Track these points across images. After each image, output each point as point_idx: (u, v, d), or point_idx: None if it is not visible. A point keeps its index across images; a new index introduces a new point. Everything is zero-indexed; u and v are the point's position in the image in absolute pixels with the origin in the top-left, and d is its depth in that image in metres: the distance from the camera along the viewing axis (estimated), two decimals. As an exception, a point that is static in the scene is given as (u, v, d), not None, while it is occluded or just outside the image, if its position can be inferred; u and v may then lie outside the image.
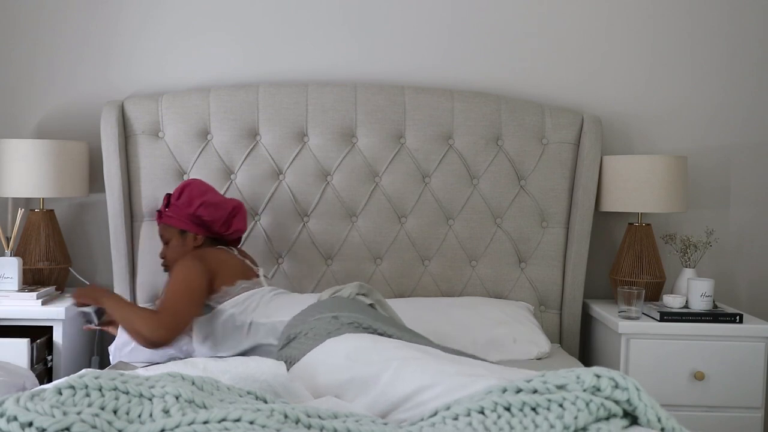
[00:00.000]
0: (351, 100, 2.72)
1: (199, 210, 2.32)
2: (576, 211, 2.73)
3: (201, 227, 2.34)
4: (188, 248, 2.34)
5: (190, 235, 2.35)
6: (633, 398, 1.34)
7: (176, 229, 2.35)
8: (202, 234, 2.35)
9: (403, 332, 1.99)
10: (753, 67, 2.92)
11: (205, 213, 2.32)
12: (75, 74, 2.86)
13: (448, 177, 2.74)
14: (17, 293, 2.47)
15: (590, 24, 2.91)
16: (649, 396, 1.36)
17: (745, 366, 2.47)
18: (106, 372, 1.37)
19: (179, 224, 2.33)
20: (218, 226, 2.36)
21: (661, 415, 1.35)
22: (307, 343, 1.93)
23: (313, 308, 2.08)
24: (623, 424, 1.34)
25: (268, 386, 1.65)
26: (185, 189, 2.35)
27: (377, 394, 1.64)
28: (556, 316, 2.78)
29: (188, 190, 2.35)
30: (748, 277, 2.96)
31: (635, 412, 1.35)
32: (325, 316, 2.00)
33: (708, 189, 2.93)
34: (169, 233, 2.37)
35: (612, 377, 1.34)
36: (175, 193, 2.37)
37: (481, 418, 1.31)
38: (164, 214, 2.36)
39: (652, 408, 1.35)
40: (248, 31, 2.87)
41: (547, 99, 2.89)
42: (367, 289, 2.20)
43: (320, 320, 1.99)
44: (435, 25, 2.88)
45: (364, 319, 1.98)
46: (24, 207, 2.72)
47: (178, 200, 2.34)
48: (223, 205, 2.37)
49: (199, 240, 2.35)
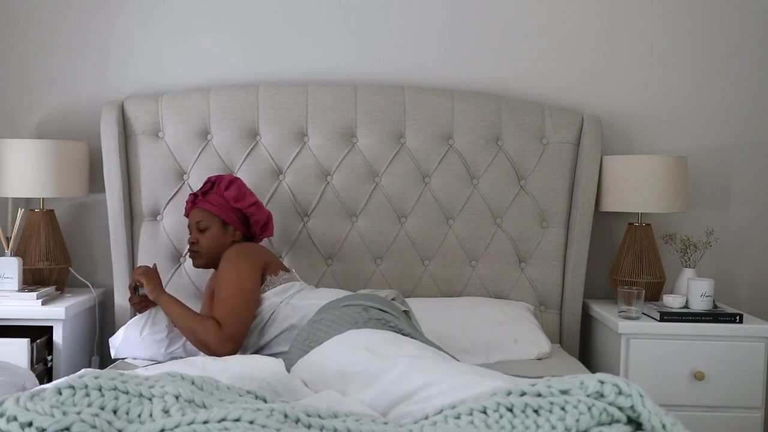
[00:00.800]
0: (351, 100, 2.72)
1: (250, 208, 2.36)
2: (576, 211, 2.73)
3: (243, 224, 2.38)
4: (227, 241, 2.36)
5: (230, 229, 2.37)
6: (637, 405, 1.34)
7: (219, 218, 2.35)
8: (241, 231, 2.39)
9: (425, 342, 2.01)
10: (753, 67, 2.92)
11: (255, 213, 2.38)
12: (75, 74, 2.86)
13: (448, 177, 2.74)
14: (17, 293, 2.47)
15: (590, 24, 2.91)
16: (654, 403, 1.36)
17: (745, 366, 2.47)
18: (105, 372, 1.37)
19: (224, 215, 2.34)
20: (257, 228, 2.42)
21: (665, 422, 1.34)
22: (331, 326, 1.95)
23: (349, 298, 2.11)
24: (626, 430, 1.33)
25: (267, 384, 1.65)
26: (233, 183, 2.38)
27: (383, 387, 1.65)
28: (556, 316, 2.78)
29: (238, 186, 2.38)
30: (748, 277, 2.96)
31: (639, 418, 1.35)
32: (356, 304, 2.02)
33: (708, 189, 2.93)
34: (209, 221, 2.35)
35: (616, 383, 1.34)
36: (222, 183, 2.36)
37: (483, 417, 1.31)
38: (204, 200, 2.36)
39: (657, 414, 1.34)
40: (248, 31, 2.87)
41: (547, 99, 2.89)
42: (402, 300, 2.22)
43: (350, 307, 2.01)
44: (435, 25, 2.88)
45: (392, 318, 2.00)
46: (24, 207, 2.72)
47: (226, 191, 2.35)
48: (264, 209, 2.44)
49: (237, 235, 2.38)
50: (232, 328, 2.13)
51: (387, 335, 1.87)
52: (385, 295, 2.17)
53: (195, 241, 2.36)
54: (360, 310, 2.00)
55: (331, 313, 2.01)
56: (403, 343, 1.84)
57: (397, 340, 1.84)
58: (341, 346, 1.83)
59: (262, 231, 2.45)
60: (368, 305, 2.01)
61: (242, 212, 2.37)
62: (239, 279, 2.19)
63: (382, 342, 1.81)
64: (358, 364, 1.73)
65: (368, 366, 1.71)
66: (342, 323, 1.95)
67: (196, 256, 2.37)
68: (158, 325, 2.32)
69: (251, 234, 2.44)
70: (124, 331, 2.35)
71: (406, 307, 2.19)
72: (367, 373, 1.70)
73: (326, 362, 1.79)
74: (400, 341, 1.84)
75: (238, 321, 2.14)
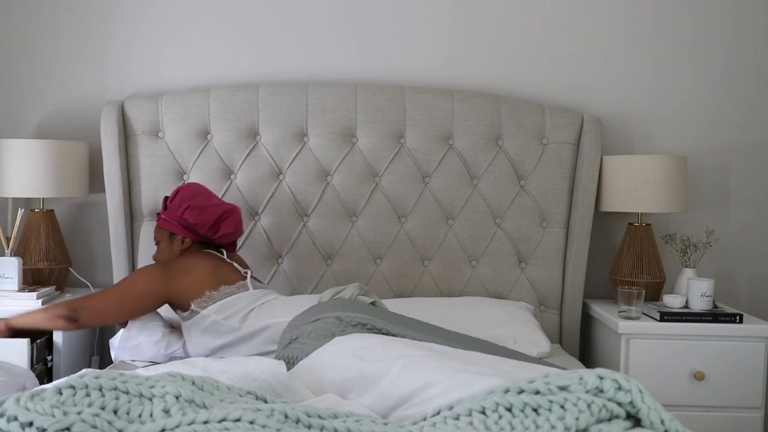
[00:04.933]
0: (351, 100, 2.72)
1: (185, 213, 2.33)
2: (576, 211, 2.73)
3: (188, 230, 2.36)
4: (175, 251, 2.37)
5: (177, 238, 2.37)
6: (636, 400, 1.34)
7: (166, 231, 2.38)
8: (190, 237, 2.36)
9: (408, 327, 2.00)
10: (753, 67, 2.93)
11: (191, 216, 2.33)
12: (75, 74, 2.86)
13: (448, 177, 2.74)
14: (17, 293, 2.47)
15: (590, 24, 2.91)
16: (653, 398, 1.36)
17: (745, 366, 2.47)
18: (106, 372, 1.37)
19: (169, 227, 2.36)
20: (205, 230, 2.35)
21: (664, 418, 1.34)
22: (310, 343, 1.93)
23: (315, 309, 2.08)
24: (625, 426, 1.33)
25: (268, 385, 1.65)
26: (178, 192, 2.37)
27: (381, 391, 1.65)
28: (556, 316, 2.78)
29: (180, 194, 2.37)
30: (748, 277, 2.96)
31: (638, 414, 1.35)
32: (327, 316, 2.00)
33: (708, 189, 2.93)
34: (160, 235, 2.40)
35: (615, 379, 1.34)
36: (170, 196, 2.39)
37: (482, 417, 1.31)
38: (160, 218, 2.39)
39: (656, 410, 1.34)
40: (248, 31, 2.87)
41: (547, 99, 2.89)
42: (365, 290, 2.21)
43: (323, 321, 1.99)
44: (435, 25, 2.88)
45: (369, 319, 1.98)
46: (24, 207, 2.72)
47: (171, 203, 2.37)
48: (211, 209, 2.35)
49: (186, 243, 2.37)
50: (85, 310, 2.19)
51: (373, 339, 1.85)
52: (350, 294, 2.15)
53: (154, 258, 2.43)
54: (333, 320, 1.97)
55: (304, 329, 1.98)
56: (391, 344, 1.82)
57: (384, 342, 1.83)
58: (330, 354, 1.82)
59: (214, 231, 2.36)
60: (339, 315, 1.99)
61: (183, 219, 2.34)
62: (133, 279, 2.24)
63: (370, 346, 1.80)
64: (351, 369, 1.72)
65: (362, 371, 1.70)
66: (320, 338, 1.92)
67: None
68: (153, 328, 2.32)
69: (204, 237, 2.38)
70: (121, 334, 2.36)
71: (372, 297, 2.18)
72: (363, 378, 1.69)
73: (319, 373, 1.77)
74: (388, 343, 1.83)
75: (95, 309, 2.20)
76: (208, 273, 2.28)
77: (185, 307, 2.24)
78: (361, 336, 1.88)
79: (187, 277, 2.24)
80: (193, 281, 2.24)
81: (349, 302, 2.09)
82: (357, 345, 1.81)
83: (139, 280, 2.23)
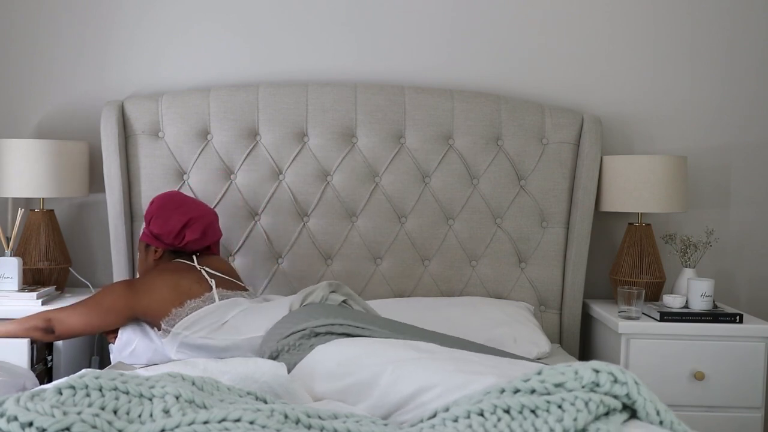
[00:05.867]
0: (351, 100, 2.72)
1: (151, 223, 2.37)
2: (576, 211, 2.73)
3: (157, 240, 2.38)
4: (150, 262, 2.41)
5: (151, 249, 2.41)
6: (632, 392, 1.34)
7: (143, 242, 2.43)
8: (161, 247, 2.39)
9: (382, 327, 1.98)
10: (753, 67, 2.92)
11: (156, 227, 2.36)
12: (75, 74, 2.86)
13: (448, 177, 2.74)
14: (17, 293, 2.48)
15: (590, 24, 2.91)
16: (649, 389, 1.36)
17: (745, 366, 2.47)
18: (106, 372, 1.37)
19: (144, 238, 2.42)
20: (170, 239, 2.36)
21: (660, 408, 1.35)
22: (296, 354, 1.91)
23: (287, 321, 2.04)
24: (622, 418, 1.34)
25: (268, 387, 1.65)
26: (152, 203, 2.41)
27: (378, 397, 1.64)
28: (556, 316, 2.78)
29: (152, 205, 2.40)
30: (748, 277, 2.96)
31: (634, 405, 1.35)
32: (301, 329, 1.96)
33: (708, 189, 2.93)
34: (140, 246, 2.46)
35: (611, 372, 1.34)
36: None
37: (481, 420, 1.31)
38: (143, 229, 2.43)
39: (651, 401, 1.35)
40: (248, 31, 2.87)
41: (547, 99, 2.89)
42: (335, 286, 2.19)
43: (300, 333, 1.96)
44: (435, 25, 2.88)
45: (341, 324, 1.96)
46: (24, 207, 2.72)
47: (145, 214, 2.42)
48: (177, 218, 2.35)
49: (158, 253, 2.40)
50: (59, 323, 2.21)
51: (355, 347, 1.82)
52: (320, 297, 2.13)
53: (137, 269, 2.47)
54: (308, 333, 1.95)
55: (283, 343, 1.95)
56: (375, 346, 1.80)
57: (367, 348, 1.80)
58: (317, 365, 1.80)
59: (180, 240, 2.36)
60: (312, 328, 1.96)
61: (150, 229, 2.37)
62: (103, 293, 2.25)
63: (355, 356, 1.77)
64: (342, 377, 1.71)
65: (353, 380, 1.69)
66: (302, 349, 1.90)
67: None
68: (146, 334, 2.30)
69: (172, 246, 2.38)
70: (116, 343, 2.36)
71: (341, 292, 2.17)
72: (355, 386, 1.68)
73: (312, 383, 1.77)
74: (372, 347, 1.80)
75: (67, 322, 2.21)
76: (170, 290, 2.24)
77: (158, 326, 2.22)
78: (341, 343, 1.86)
79: (147, 296, 2.23)
80: (155, 300, 2.22)
81: (319, 308, 2.05)
82: (340, 355, 1.80)
83: (108, 296, 2.24)
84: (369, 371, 1.69)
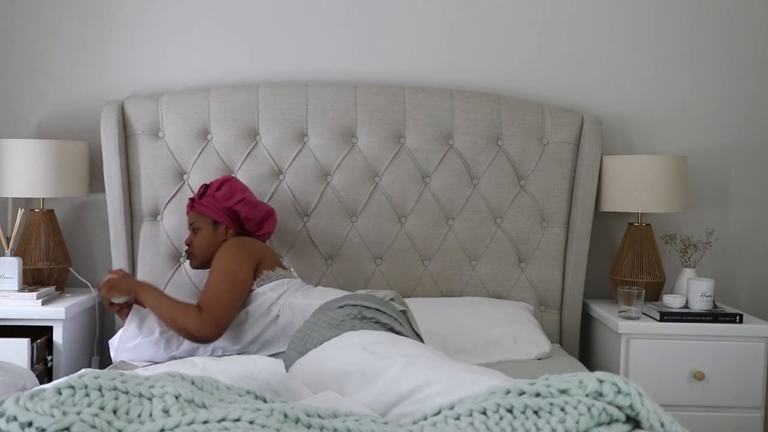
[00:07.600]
0: (351, 100, 2.72)
1: (237, 206, 2.39)
2: (576, 211, 2.73)
3: (234, 222, 2.41)
4: (218, 240, 2.40)
5: (222, 228, 2.41)
6: (635, 403, 1.34)
7: (209, 219, 2.40)
8: (234, 229, 2.41)
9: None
10: (753, 67, 2.92)
11: (243, 210, 2.39)
12: (75, 74, 2.86)
13: (448, 177, 2.74)
14: (17, 293, 2.47)
15: (590, 24, 2.91)
16: (653, 401, 1.36)
17: (745, 366, 2.47)
18: (105, 372, 1.37)
19: (214, 215, 2.39)
20: (251, 225, 2.43)
21: (664, 420, 1.34)
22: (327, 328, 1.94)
23: (346, 298, 2.11)
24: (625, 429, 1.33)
25: (267, 384, 1.65)
26: (226, 183, 2.42)
27: (381, 388, 1.65)
28: (556, 316, 2.78)
29: (229, 185, 2.42)
30: (748, 277, 2.96)
31: (638, 417, 1.35)
32: (352, 304, 2.02)
33: (708, 189, 2.93)
34: (200, 222, 2.41)
35: (615, 382, 1.34)
36: (214, 184, 2.42)
37: (483, 418, 1.31)
38: (198, 203, 2.42)
39: (655, 413, 1.34)
40: (248, 31, 2.87)
41: (547, 99, 2.89)
42: (401, 300, 2.21)
43: (346, 308, 2.01)
44: (435, 25, 2.88)
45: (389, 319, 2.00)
46: (24, 207, 2.72)
47: (217, 191, 2.40)
48: (259, 206, 2.45)
49: (229, 234, 2.41)
50: (213, 313, 2.17)
51: (383, 335, 1.87)
52: (383, 295, 2.16)
53: (189, 243, 2.44)
54: (355, 311, 1.99)
55: (327, 314, 2.01)
56: (399, 342, 1.83)
57: (393, 340, 1.84)
58: (338, 346, 1.83)
59: (258, 228, 2.46)
60: (364, 305, 2.01)
61: (232, 210, 2.39)
62: (230, 267, 2.24)
63: (379, 342, 1.81)
64: (355, 364, 1.73)
65: (365, 366, 1.71)
66: (338, 325, 1.94)
67: (191, 257, 2.45)
68: (150, 328, 2.32)
69: (246, 231, 2.46)
70: (120, 335, 2.35)
71: (405, 307, 2.19)
72: (365, 373, 1.70)
73: (323, 363, 1.79)
74: (397, 341, 1.84)
75: (220, 307, 2.18)
76: (270, 254, 2.37)
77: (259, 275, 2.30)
78: (369, 332, 1.90)
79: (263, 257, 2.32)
80: (264, 261, 2.31)
81: (380, 301, 2.09)
82: (367, 339, 1.83)
83: (235, 265, 2.24)
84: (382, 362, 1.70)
